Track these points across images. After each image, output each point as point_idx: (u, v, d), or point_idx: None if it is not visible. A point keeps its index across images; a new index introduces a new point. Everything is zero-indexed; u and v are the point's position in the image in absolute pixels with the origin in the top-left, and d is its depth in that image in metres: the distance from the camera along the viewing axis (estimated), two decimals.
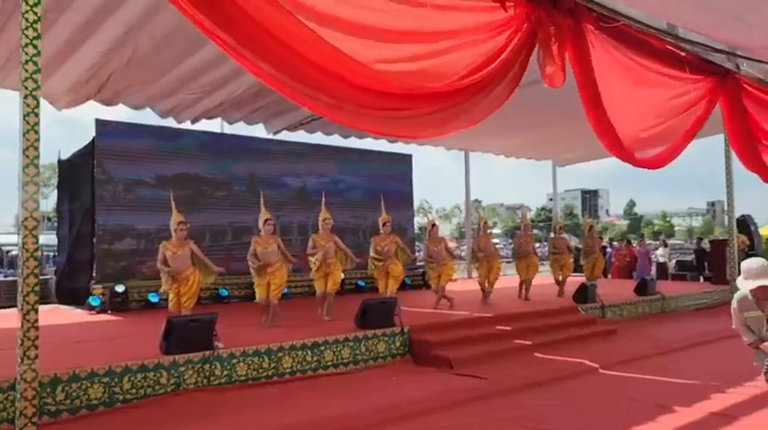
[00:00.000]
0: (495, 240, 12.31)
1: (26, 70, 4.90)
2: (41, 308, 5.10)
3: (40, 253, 5.15)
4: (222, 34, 2.83)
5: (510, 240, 47.28)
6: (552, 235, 13.79)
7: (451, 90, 3.64)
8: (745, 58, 4.29)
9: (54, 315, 10.71)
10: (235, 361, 6.61)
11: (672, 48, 5.07)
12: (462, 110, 3.87)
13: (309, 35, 2.93)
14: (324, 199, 9.63)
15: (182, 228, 7.87)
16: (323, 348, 7.32)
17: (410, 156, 17.14)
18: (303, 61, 2.96)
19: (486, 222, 12.19)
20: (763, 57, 2.36)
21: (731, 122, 6.45)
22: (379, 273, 9.79)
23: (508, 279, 14.28)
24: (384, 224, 9.94)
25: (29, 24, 4.94)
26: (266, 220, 8.65)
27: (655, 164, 6.11)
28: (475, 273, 19.02)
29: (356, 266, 10.02)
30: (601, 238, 17.67)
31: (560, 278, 12.49)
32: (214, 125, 14.06)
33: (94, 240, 11.57)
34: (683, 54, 5.21)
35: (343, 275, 9.68)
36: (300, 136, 14.70)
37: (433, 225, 10.95)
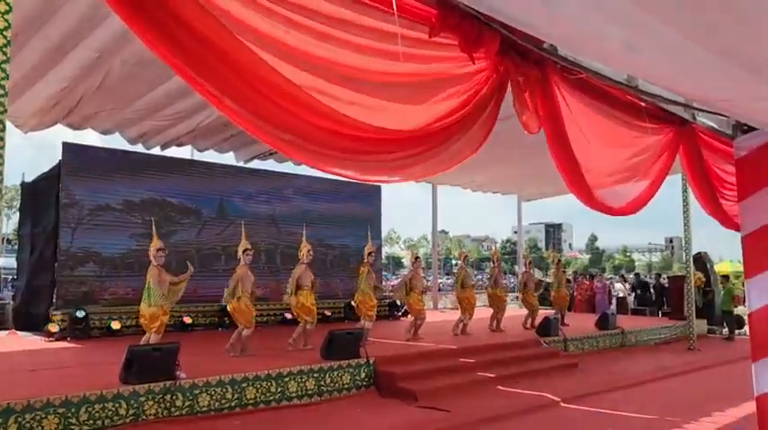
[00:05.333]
0: None
1: None
2: None
3: None
4: (187, 69, 2.89)
5: (476, 271, 47.83)
6: (522, 269, 14.15)
7: (422, 134, 3.76)
8: (700, 109, 4.53)
9: (10, 341, 10.41)
10: (197, 391, 6.53)
11: (632, 98, 5.34)
12: (435, 153, 4.00)
13: (273, 73, 3.01)
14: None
15: (160, 255, 7.76)
16: (287, 379, 7.27)
17: (379, 186, 17.31)
18: (265, 98, 3.02)
19: (466, 256, 12.58)
20: (719, 109, 2.51)
21: (691, 170, 6.79)
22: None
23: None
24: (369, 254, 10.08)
25: None
26: (245, 250, 8.76)
27: (624, 211, 6.38)
28: (441, 304, 19.25)
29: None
30: (564, 272, 18.04)
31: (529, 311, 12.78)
32: (184, 152, 14.03)
33: (56, 265, 11.33)
34: (642, 104, 5.48)
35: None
36: (271, 164, 14.74)
37: (417, 258, 11.39)
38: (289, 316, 11.94)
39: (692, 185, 7.19)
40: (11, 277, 18.77)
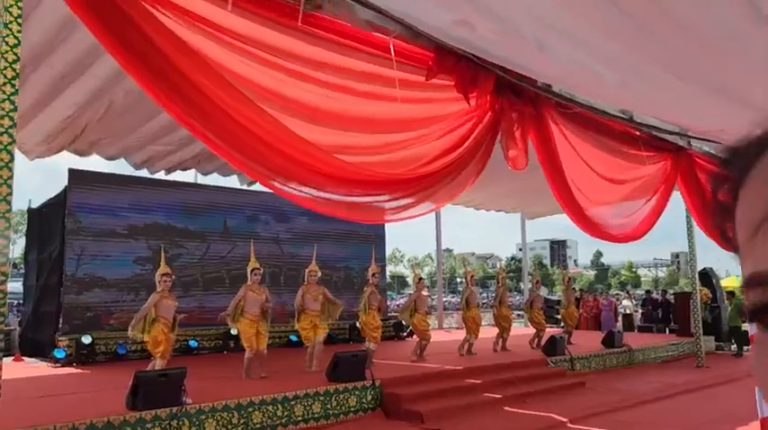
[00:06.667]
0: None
1: (1, 125, 4.93)
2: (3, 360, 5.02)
3: (6, 308, 5.08)
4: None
5: (481, 290, 47.73)
6: (529, 287, 14.13)
7: (416, 176, 3.82)
8: (694, 137, 4.58)
9: (16, 368, 10.39)
10: (203, 417, 6.52)
11: (628, 128, 5.41)
12: (429, 194, 4.05)
13: (272, 121, 3.07)
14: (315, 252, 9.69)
15: (165, 280, 7.85)
16: (293, 403, 7.26)
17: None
18: (263, 144, 3.09)
19: (473, 275, 12.49)
20: (713, 136, 2.53)
21: (689, 194, 6.87)
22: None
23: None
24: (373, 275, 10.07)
25: (6, 81, 5.01)
26: (254, 270, 8.77)
27: (627, 238, 6.45)
28: (446, 324, 19.17)
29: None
30: (574, 290, 18.02)
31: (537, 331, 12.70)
32: (188, 176, 14.11)
33: (62, 290, 11.37)
34: (637, 134, 5.55)
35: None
36: None
37: (420, 279, 11.32)
38: (294, 337, 11.93)
39: (691, 209, 7.26)
40: (16, 302, 18.74)
